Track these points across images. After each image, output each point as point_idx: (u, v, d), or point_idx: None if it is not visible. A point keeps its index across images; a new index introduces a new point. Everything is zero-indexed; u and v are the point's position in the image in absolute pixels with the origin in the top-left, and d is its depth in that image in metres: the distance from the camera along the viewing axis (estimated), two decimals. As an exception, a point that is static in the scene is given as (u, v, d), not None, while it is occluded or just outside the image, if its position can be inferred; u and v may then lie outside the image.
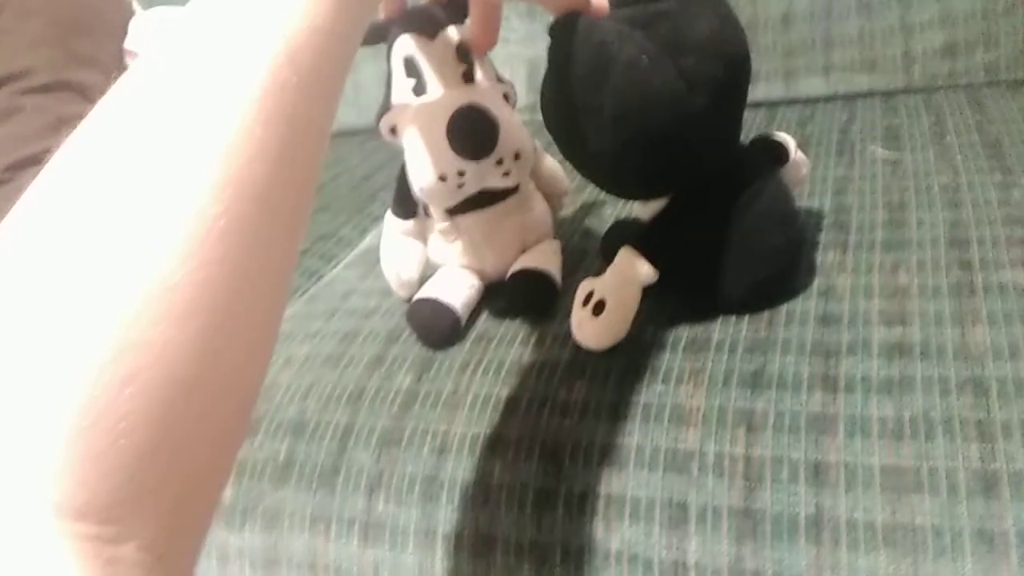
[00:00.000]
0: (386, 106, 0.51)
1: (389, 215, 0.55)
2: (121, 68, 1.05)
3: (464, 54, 0.49)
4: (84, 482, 0.20)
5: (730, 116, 0.46)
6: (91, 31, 1.03)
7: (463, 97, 0.47)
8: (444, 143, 0.46)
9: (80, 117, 0.90)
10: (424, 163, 0.48)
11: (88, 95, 1.00)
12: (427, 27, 0.48)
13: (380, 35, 0.50)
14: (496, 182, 0.50)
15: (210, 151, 0.23)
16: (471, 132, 0.46)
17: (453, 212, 0.52)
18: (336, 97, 0.29)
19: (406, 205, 0.54)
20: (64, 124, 0.91)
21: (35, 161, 0.90)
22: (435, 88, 0.48)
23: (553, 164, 0.59)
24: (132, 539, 0.21)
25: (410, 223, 0.54)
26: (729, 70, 0.43)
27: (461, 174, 0.47)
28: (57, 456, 0.20)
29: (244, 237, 0.23)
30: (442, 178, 0.47)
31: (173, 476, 0.22)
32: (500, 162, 0.48)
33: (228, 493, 0.51)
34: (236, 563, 0.50)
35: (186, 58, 0.25)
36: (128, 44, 1.04)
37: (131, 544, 0.20)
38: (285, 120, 0.25)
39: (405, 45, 0.49)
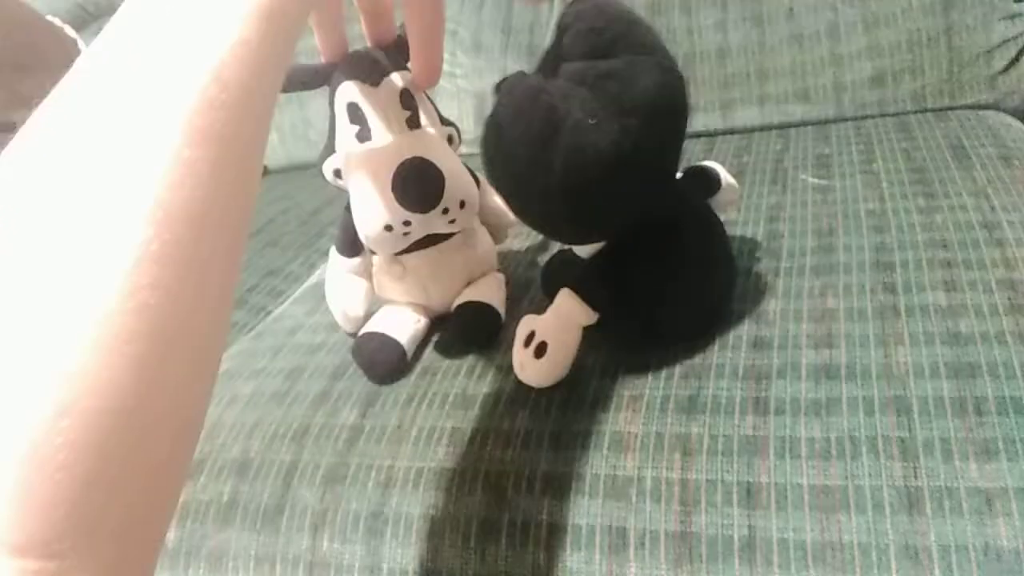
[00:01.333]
0: (330, 149, 0.51)
1: (334, 253, 0.56)
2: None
3: (408, 100, 0.50)
4: (23, 517, 0.20)
5: (672, 163, 0.47)
6: (35, 71, 1.03)
7: (408, 149, 0.47)
8: (390, 195, 0.46)
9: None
10: (370, 213, 0.47)
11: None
12: (371, 74, 0.48)
13: (323, 79, 0.50)
14: (442, 228, 0.50)
15: (137, 175, 0.23)
16: (417, 185, 0.46)
17: (398, 252, 0.52)
18: (268, 112, 0.28)
19: (351, 244, 0.54)
20: None
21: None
22: (379, 135, 0.48)
23: (497, 199, 0.60)
24: (77, 573, 0.20)
25: (355, 261, 0.55)
26: (672, 122, 0.44)
27: (407, 224, 0.47)
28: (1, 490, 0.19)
29: (178, 260, 0.23)
30: (388, 228, 0.47)
31: (114, 508, 0.21)
32: (446, 211, 0.48)
33: (171, 536, 0.50)
34: (180, 607, 0.49)
35: (108, 79, 0.24)
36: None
37: None
38: (215, 139, 0.24)
39: (348, 92, 0.49)
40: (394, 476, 0.47)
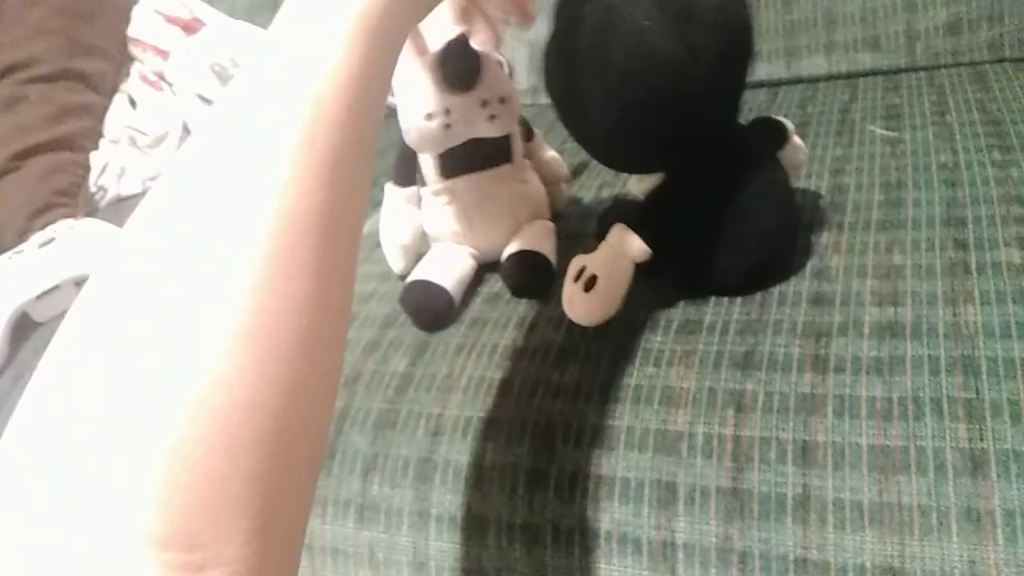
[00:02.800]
0: None
1: (389, 186, 0.56)
2: (124, 57, 1.05)
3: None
4: (167, 512, 0.20)
5: (731, 92, 0.45)
6: (94, 20, 1.04)
7: (450, 32, 0.47)
8: (430, 80, 0.47)
9: (83, 106, 0.92)
10: (411, 103, 0.48)
11: (91, 83, 1.00)
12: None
13: None
14: (483, 127, 0.50)
15: (249, 188, 0.24)
16: (456, 62, 0.47)
17: (446, 173, 0.52)
18: (375, 123, 0.29)
19: (405, 173, 0.55)
20: (68, 113, 0.91)
21: (40, 150, 0.90)
22: (429, 36, 0.49)
23: (552, 152, 0.59)
24: (218, 565, 0.21)
25: (409, 190, 0.56)
26: (732, 44, 0.43)
27: (447, 112, 0.48)
28: (141, 486, 0.20)
29: (293, 263, 0.24)
30: (429, 116, 0.48)
31: (251, 501, 0.22)
32: (485, 103, 0.48)
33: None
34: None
35: (227, 102, 0.26)
36: (131, 32, 1.05)
37: (218, 570, 0.21)
38: (319, 152, 0.26)
39: None
40: (443, 424, 0.47)
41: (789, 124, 0.51)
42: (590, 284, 0.46)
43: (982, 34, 0.74)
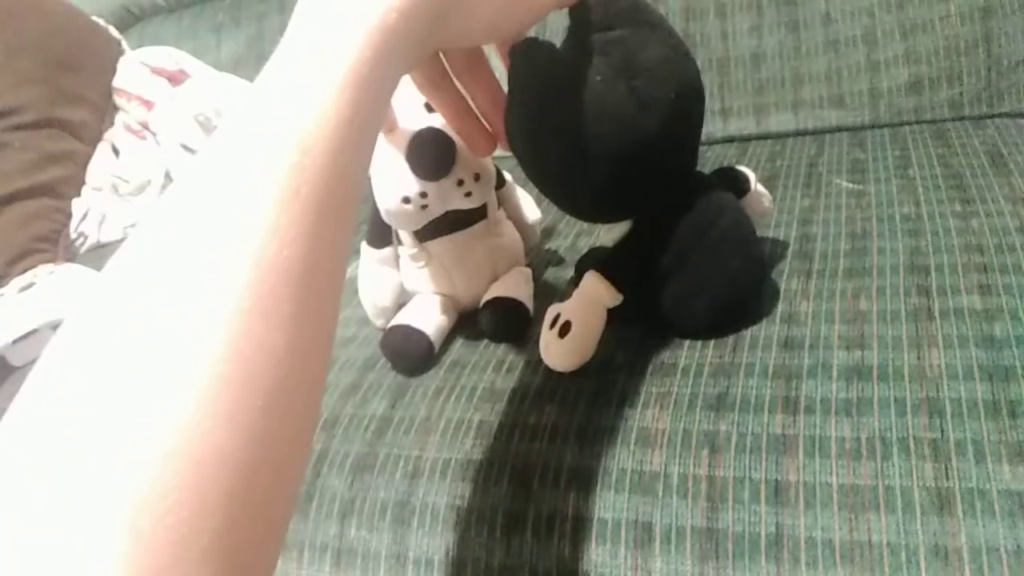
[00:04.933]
0: None
1: (364, 245, 0.57)
2: (109, 106, 1.06)
3: None
4: (134, 563, 0.20)
5: (683, 140, 0.47)
6: (80, 70, 1.05)
7: (422, 122, 0.49)
8: (404, 165, 0.48)
9: (66, 153, 0.93)
10: (387, 187, 0.49)
11: (75, 132, 1.01)
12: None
13: None
14: (459, 203, 0.51)
15: (229, 238, 0.24)
16: (429, 153, 0.48)
17: (423, 238, 0.53)
18: (360, 171, 0.29)
19: (380, 235, 0.55)
20: (50, 160, 0.91)
21: (20, 196, 0.91)
22: (399, 117, 0.50)
23: (524, 195, 0.61)
24: None
25: (384, 252, 0.56)
26: (679, 93, 0.44)
27: (423, 195, 0.49)
28: (107, 542, 0.20)
29: (272, 313, 0.24)
30: (405, 200, 0.49)
31: (220, 554, 0.21)
32: (461, 183, 0.49)
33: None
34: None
35: (210, 146, 0.26)
36: (116, 82, 1.06)
37: None
38: (302, 201, 0.25)
39: None
40: (421, 466, 0.47)
41: (751, 173, 0.53)
42: (564, 330, 0.47)
43: (942, 93, 0.78)
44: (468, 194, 0.50)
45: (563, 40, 0.47)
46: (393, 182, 0.49)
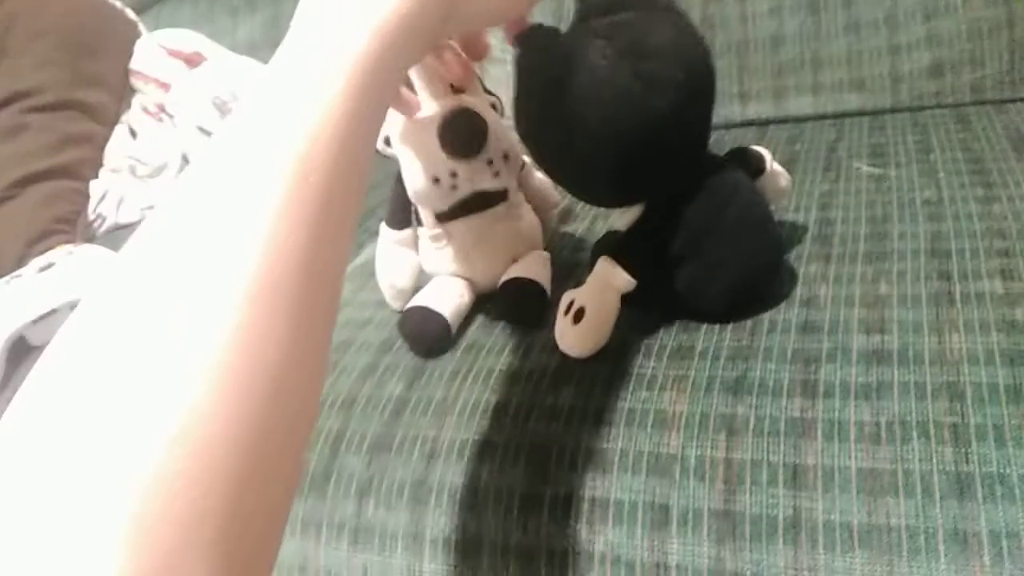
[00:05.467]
0: None
1: (383, 226, 0.57)
2: (126, 88, 1.07)
3: None
4: (143, 548, 0.20)
5: (693, 121, 0.47)
6: (98, 52, 1.06)
7: (453, 102, 0.49)
8: (436, 146, 0.48)
9: (84, 135, 0.94)
10: (418, 167, 0.49)
11: (93, 114, 1.02)
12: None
13: None
14: (488, 183, 0.51)
15: (237, 235, 0.24)
16: (462, 132, 0.48)
17: (443, 219, 0.53)
18: (362, 174, 0.29)
19: (400, 216, 0.56)
20: (69, 142, 0.93)
21: (40, 178, 0.91)
22: (425, 100, 0.50)
23: (542, 178, 0.60)
24: None
25: (403, 233, 0.56)
26: (688, 74, 0.44)
27: (454, 175, 0.49)
28: (116, 521, 0.20)
29: (277, 304, 0.24)
30: (435, 180, 0.49)
31: (225, 536, 0.22)
32: (490, 162, 0.49)
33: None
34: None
35: (216, 155, 0.26)
36: (134, 65, 1.07)
37: None
38: (307, 205, 0.26)
39: None
40: (438, 447, 0.47)
41: (766, 152, 0.53)
42: (578, 316, 0.47)
43: (964, 77, 0.77)
44: (497, 174, 0.50)
45: (570, 25, 0.47)
46: (423, 161, 0.49)
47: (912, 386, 0.41)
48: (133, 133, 1.03)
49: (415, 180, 0.50)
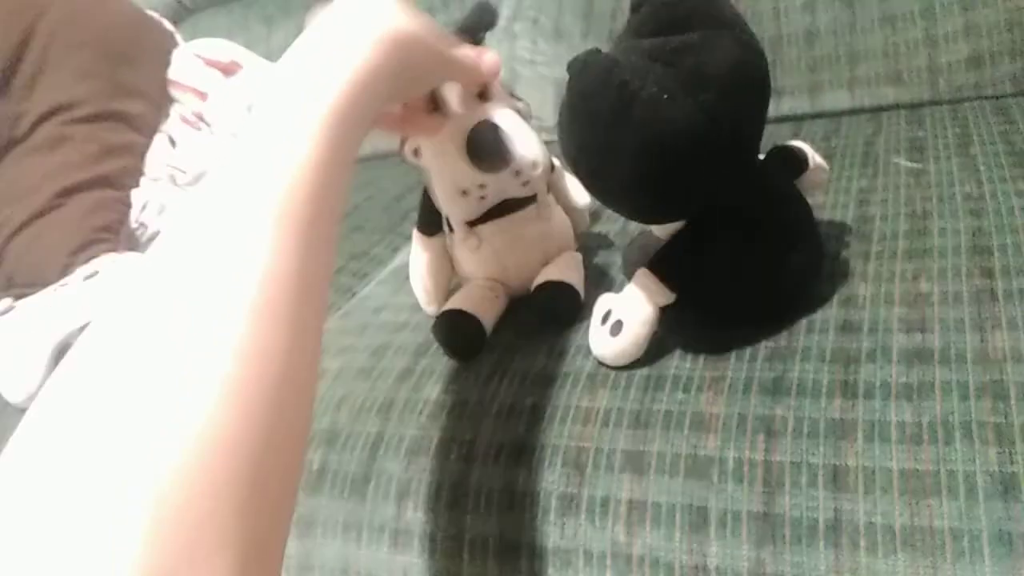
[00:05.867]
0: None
1: (416, 232, 0.57)
2: (165, 97, 1.09)
3: None
4: (155, 547, 0.21)
5: (751, 141, 0.46)
6: (136, 63, 1.08)
7: (478, 115, 0.49)
8: (463, 160, 0.48)
9: (125, 145, 0.95)
10: (447, 180, 0.50)
11: (134, 124, 1.04)
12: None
13: None
14: (516, 191, 0.51)
15: (231, 263, 0.27)
16: (487, 148, 0.48)
17: (474, 223, 0.54)
18: (340, 201, 0.33)
19: (430, 222, 0.56)
20: (110, 152, 0.94)
21: (83, 188, 0.94)
22: (452, 110, 0.50)
23: (573, 180, 0.60)
24: None
25: (435, 239, 0.57)
26: (750, 99, 0.43)
27: (482, 187, 0.49)
28: (130, 523, 0.21)
29: (271, 321, 0.27)
30: (464, 193, 0.49)
31: (232, 537, 0.23)
32: (518, 173, 0.49)
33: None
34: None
35: (190, 245, 0.28)
36: (171, 75, 1.08)
37: None
38: (294, 235, 0.29)
39: None
40: (476, 450, 0.48)
41: (806, 147, 0.52)
42: (616, 329, 0.47)
43: (1004, 68, 0.75)
44: (526, 183, 0.50)
45: (620, 39, 0.46)
46: (452, 176, 0.49)
47: (954, 386, 0.40)
48: (172, 142, 1.05)
49: (444, 191, 0.50)
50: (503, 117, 0.49)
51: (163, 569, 0.21)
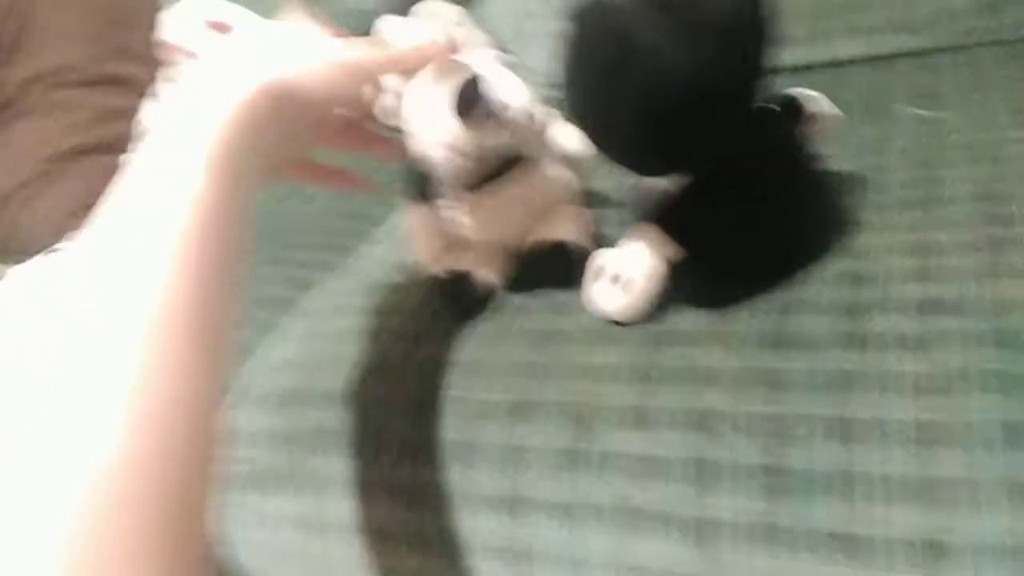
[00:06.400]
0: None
1: (410, 205, 0.56)
2: (155, 60, 1.07)
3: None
4: (79, 557, 0.24)
5: (754, 88, 0.45)
6: (127, 24, 1.06)
7: (463, 70, 0.47)
8: (452, 115, 0.46)
9: (121, 110, 0.94)
10: (434, 138, 0.47)
11: (129, 87, 1.02)
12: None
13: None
14: (513, 147, 0.50)
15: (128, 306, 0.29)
16: (478, 101, 0.46)
17: (468, 188, 0.52)
18: (238, 234, 0.34)
19: (423, 190, 0.54)
20: (104, 118, 0.92)
21: (76, 154, 0.92)
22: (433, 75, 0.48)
23: (570, 129, 0.59)
24: None
25: (427, 207, 0.55)
26: (752, 47, 0.42)
27: (477, 146, 0.47)
28: (42, 544, 0.23)
29: (168, 354, 0.29)
30: (460, 154, 0.47)
31: (157, 543, 0.26)
32: (514, 129, 0.48)
33: (273, 461, 0.53)
34: (284, 527, 0.52)
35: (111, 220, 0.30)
36: (163, 35, 1.07)
37: None
38: (191, 272, 0.30)
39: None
40: (480, 408, 0.47)
41: (818, 95, 0.51)
42: (624, 285, 0.47)
43: (1019, 11, 0.73)
44: (522, 138, 0.49)
45: None
46: (440, 133, 0.47)
47: (963, 335, 0.40)
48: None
49: (433, 151, 0.48)
50: (482, 66, 0.48)
51: None
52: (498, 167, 0.52)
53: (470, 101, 0.46)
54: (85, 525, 0.24)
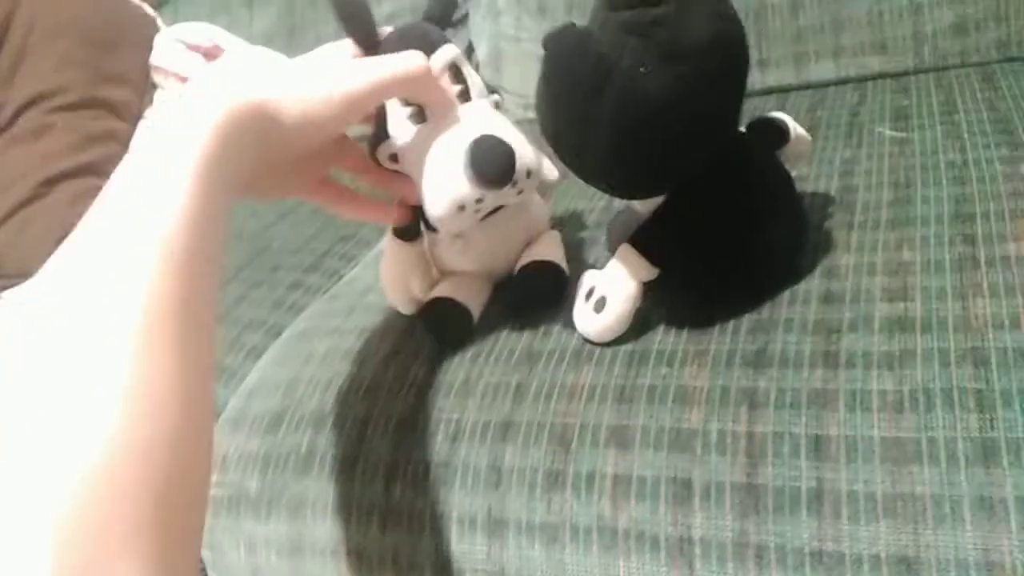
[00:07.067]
0: (381, 134, 0.49)
1: (391, 238, 0.54)
2: (148, 84, 1.08)
3: (458, 74, 0.48)
4: (72, 547, 0.23)
5: (731, 112, 0.46)
6: (119, 49, 1.07)
7: (475, 127, 0.46)
8: (462, 174, 0.45)
9: (109, 133, 0.95)
10: (441, 193, 0.46)
11: (117, 111, 1.03)
12: (422, 50, 0.45)
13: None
14: (510, 200, 0.49)
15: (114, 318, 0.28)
16: (493, 163, 0.45)
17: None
18: (217, 252, 0.34)
19: (409, 227, 0.53)
20: (93, 140, 0.93)
21: (67, 176, 0.93)
22: (435, 114, 0.47)
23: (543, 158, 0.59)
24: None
25: (414, 244, 0.54)
26: (727, 70, 0.43)
27: (479, 201, 0.46)
28: (39, 530, 0.23)
29: (158, 354, 0.28)
30: (461, 207, 0.46)
31: (151, 534, 0.26)
32: (515, 184, 0.47)
33: (254, 484, 0.53)
34: (263, 551, 0.52)
35: (68, 292, 0.29)
36: (153, 60, 1.07)
37: None
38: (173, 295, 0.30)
39: None
40: (462, 428, 0.48)
41: (787, 118, 0.52)
42: (600, 306, 0.47)
43: (989, 34, 0.75)
44: (520, 192, 0.48)
45: (595, 12, 0.45)
46: (448, 189, 0.46)
47: (936, 353, 0.40)
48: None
49: (438, 207, 0.46)
50: (497, 125, 0.47)
51: (73, 571, 0.23)
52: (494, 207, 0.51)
53: (486, 164, 0.45)
54: (78, 516, 0.24)
